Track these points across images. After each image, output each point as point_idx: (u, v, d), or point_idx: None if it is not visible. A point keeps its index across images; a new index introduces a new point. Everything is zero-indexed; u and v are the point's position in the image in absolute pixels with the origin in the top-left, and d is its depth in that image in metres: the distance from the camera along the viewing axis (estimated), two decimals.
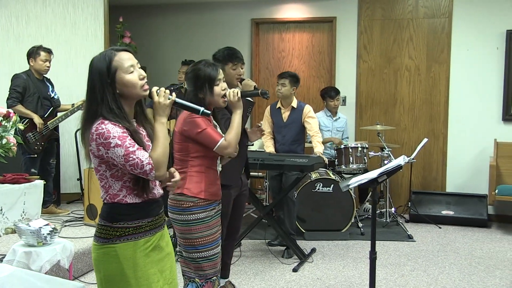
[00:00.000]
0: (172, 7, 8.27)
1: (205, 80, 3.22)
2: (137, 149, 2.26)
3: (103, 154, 2.26)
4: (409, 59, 7.28)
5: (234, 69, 4.06)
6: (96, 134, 2.24)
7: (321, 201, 6.14)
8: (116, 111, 2.28)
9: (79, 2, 6.67)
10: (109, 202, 2.35)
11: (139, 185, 2.34)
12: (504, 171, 6.75)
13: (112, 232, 2.33)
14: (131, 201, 2.35)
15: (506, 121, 6.92)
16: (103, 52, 2.36)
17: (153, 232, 2.43)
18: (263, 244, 5.85)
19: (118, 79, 2.30)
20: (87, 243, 4.98)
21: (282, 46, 7.95)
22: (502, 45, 6.90)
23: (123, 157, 2.23)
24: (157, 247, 2.46)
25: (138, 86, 2.33)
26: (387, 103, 7.40)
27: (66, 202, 6.59)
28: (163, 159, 2.32)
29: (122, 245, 2.33)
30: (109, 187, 2.34)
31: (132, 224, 2.35)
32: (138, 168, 2.25)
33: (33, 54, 5.86)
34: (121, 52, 2.35)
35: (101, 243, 2.34)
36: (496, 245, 5.96)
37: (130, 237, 2.34)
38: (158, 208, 2.47)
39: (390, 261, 5.35)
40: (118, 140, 2.23)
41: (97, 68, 2.31)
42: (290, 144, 5.78)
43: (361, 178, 3.43)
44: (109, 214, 2.35)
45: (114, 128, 2.25)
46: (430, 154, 7.22)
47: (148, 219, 2.41)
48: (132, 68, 2.33)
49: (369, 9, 7.36)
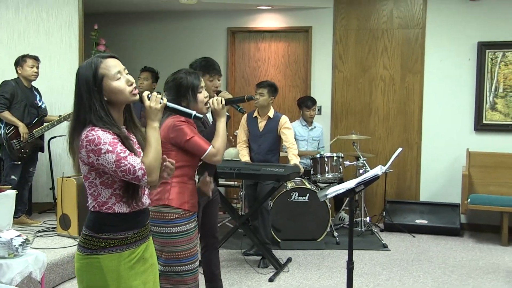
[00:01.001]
0: (148, 15, 8.23)
1: (188, 88, 3.24)
2: (129, 154, 2.24)
3: (94, 161, 2.23)
4: (384, 69, 7.35)
5: (211, 81, 4.05)
6: (86, 141, 2.21)
7: (297, 210, 6.15)
8: (105, 118, 2.26)
9: (53, 9, 6.57)
10: (97, 210, 2.31)
11: (129, 193, 2.32)
12: (476, 181, 6.84)
13: (97, 243, 2.29)
14: (119, 210, 2.31)
15: (478, 131, 7.01)
16: (89, 59, 2.34)
17: (138, 244, 2.40)
18: (239, 253, 5.84)
19: (105, 86, 2.29)
20: (60, 254, 4.92)
21: (258, 55, 7.96)
22: (473, 57, 7.00)
23: (114, 163, 2.21)
24: (142, 259, 2.43)
25: (126, 92, 2.32)
26: (362, 113, 7.46)
27: (38, 212, 6.47)
28: (156, 164, 2.31)
29: (106, 257, 2.30)
30: (98, 195, 2.31)
31: (117, 235, 2.32)
32: (130, 173, 2.23)
33: (20, 62, 5.88)
34: (107, 59, 2.33)
35: (85, 253, 2.31)
36: (469, 253, 6.04)
37: (115, 248, 2.31)
38: (145, 219, 2.45)
39: (365, 270, 5.38)
40: (109, 146, 2.21)
41: (83, 76, 2.29)
42: (266, 153, 5.77)
43: (339, 188, 3.44)
44: (95, 224, 2.31)
45: (104, 134, 2.23)
46: (404, 163, 7.28)
47: (134, 230, 2.38)
48: (119, 75, 2.32)
49: (344, 19, 7.42)
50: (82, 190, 5.39)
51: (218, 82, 4.11)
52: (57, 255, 4.87)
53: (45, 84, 6.52)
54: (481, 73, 6.94)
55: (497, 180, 6.80)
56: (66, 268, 4.91)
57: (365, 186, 3.54)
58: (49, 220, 6.12)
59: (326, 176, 6.39)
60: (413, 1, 7.19)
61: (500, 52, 6.87)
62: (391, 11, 7.28)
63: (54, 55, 6.59)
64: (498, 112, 6.92)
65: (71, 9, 6.62)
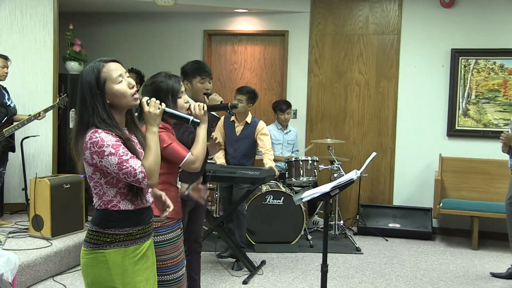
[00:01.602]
0: (124, 16, 8.19)
1: (168, 92, 3.12)
2: (130, 157, 2.33)
3: (97, 162, 2.31)
4: (359, 74, 7.42)
5: (201, 83, 4.07)
6: (90, 142, 2.30)
7: (272, 213, 6.16)
8: (107, 120, 2.35)
9: (27, 8, 6.49)
10: (102, 208, 2.40)
11: (133, 191, 2.41)
12: (448, 185, 6.94)
13: (103, 238, 2.38)
14: (124, 207, 2.41)
15: (451, 136, 7.11)
16: (91, 64, 2.42)
17: (142, 241, 2.49)
18: (213, 256, 5.84)
19: (107, 89, 2.37)
20: (32, 255, 4.88)
21: (235, 58, 7.97)
22: (447, 63, 7.10)
23: (116, 165, 2.29)
24: (144, 256, 2.52)
25: (128, 95, 2.40)
26: (337, 117, 7.51)
27: (10, 213, 6.39)
28: (155, 167, 2.40)
29: (112, 251, 2.38)
30: (103, 194, 2.40)
31: (123, 231, 2.41)
32: (131, 176, 2.31)
33: None
34: (109, 63, 2.42)
35: (91, 248, 2.40)
36: (440, 257, 6.12)
37: (121, 244, 2.40)
38: (148, 217, 2.54)
39: (338, 274, 5.42)
40: (112, 149, 2.29)
41: (86, 80, 2.37)
42: (241, 158, 5.80)
43: (314, 192, 3.46)
44: (101, 220, 2.40)
45: (107, 136, 2.31)
46: (378, 168, 7.35)
47: (139, 227, 2.47)
48: (121, 78, 2.40)
49: (320, 24, 7.47)
50: (55, 191, 5.37)
51: (209, 84, 4.13)
52: (29, 257, 4.82)
53: (19, 83, 6.47)
54: (454, 79, 7.05)
55: (469, 185, 6.91)
56: (38, 270, 4.87)
57: (340, 190, 3.56)
58: (21, 221, 6.05)
59: (300, 179, 6.41)
60: (388, 7, 7.27)
61: (473, 59, 6.98)
62: (367, 17, 7.35)
63: (28, 55, 6.52)
64: (471, 118, 7.03)
65: (46, 8, 6.55)
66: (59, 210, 5.40)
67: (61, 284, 4.89)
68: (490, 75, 6.95)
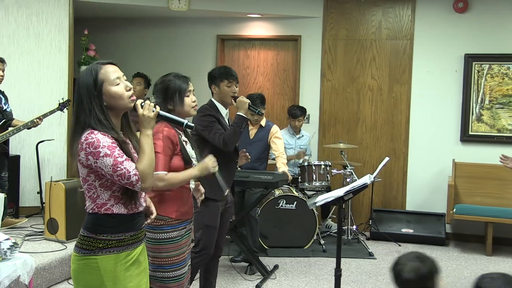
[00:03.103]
0: (138, 21, 8.24)
1: (176, 91, 3.25)
2: (125, 159, 2.32)
3: (92, 163, 2.30)
4: (372, 79, 7.42)
5: (229, 87, 4.19)
6: (85, 143, 2.29)
7: (284, 218, 6.18)
8: (104, 122, 2.35)
9: (43, 13, 6.56)
10: (95, 212, 2.38)
11: (127, 195, 2.39)
12: (461, 191, 6.92)
13: (95, 244, 2.36)
14: (117, 211, 2.39)
15: (464, 142, 7.09)
16: (89, 66, 2.44)
17: (134, 246, 2.48)
18: (226, 260, 5.84)
19: (105, 91, 2.38)
20: (47, 258, 4.90)
21: (247, 63, 8.00)
22: (460, 68, 7.08)
23: (111, 167, 2.28)
24: (137, 261, 2.50)
25: (125, 97, 2.41)
26: (349, 122, 7.51)
27: (25, 216, 6.41)
28: (149, 171, 2.38)
29: (104, 257, 2.36)
30: (97, 197, 2.38)
31: (115, 236, 2.39)
32: (125, 178, 2.30)
33: None
34: (106, 65, 2.43)
35: (83, 254, 2.38)
36: (454, 263, 6.09)
37: (113, 249, 2.38)
38: (141, 222, 2.52)
39: (351, 278, 5.41)
40: (107, 150, 2.29)
41: (84, 81, 2.38)
42: (254, 161, 5.78)
43: (328, 196, 3.48)
44: (94, 225, 2.38)
45: (103, 138, 2.31)
46: (391, 173, 7.34)
47: (131, 232, 2.45)
48: (118, 80, 2.41)
49: (333, 29, 7.48)
50: (70, 195, 5.38)
51: (235, 88, 4.24)
52: (45, 259, 4.85)
53: (34, 87, 6.52)
54: (467, 84, 7.03)
55: (483, 191, 6.87)
56: (53, 272, 4.89)
57: (354, 195, 3.60)
58: (36, 224, 6.07)
59: (313, 184, 6.42)
60: (401, 12, 7.27)
61: (487, 65, 6.96)
62: (380, 22, 7.36)
63: (44, 59, 6.57)
64: (484, 123, 7.00)
65: (61, 13, 6.61)
66: (73, 213, 5.40)
67: None
68: (504, 80, 6.92)
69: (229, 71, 4.25)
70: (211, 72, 4.30)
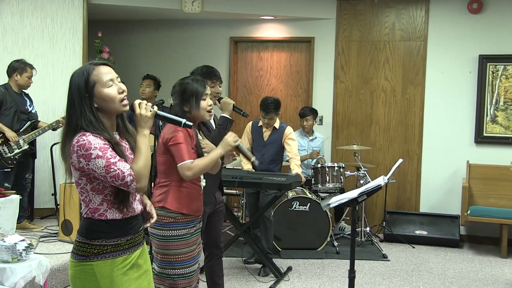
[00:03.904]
0: (151, 23, 8.28)
1: (192, 94, 3.28)
2: (118, 160, 2.26)
3: (84, 166, 2.24)
4: (385, 80, 7.40)
5: (212, 87, 4.09)
6: (77, 146, 2.23)
7: (298, 219, 6.18)
8: (95, 124, 2.29)
9: (58, 16, 6.63)
10: (89, 217, 2.33)
11: (119, 198, 2.33)
12: (476, 193, 6.88)
13: (90, 250, 2.31)
14: (111, 216, 2.34)
15: (479, 143, 7.05)
16: (82, 66, 2.37)
17: (131, 250, 2.42)
18: (240, 261, 5.85)
19: (96, 93, 2.31)
20: (62, 259, 4.94)
21: (260, 64, 8.01)
22: (474, 69, 7.05)
23: (104, 168, 2.22)
24: (135, 265, 2.45)
25: (117, 100, 2.34)
26: (363, 124, 7.50)
27: (40, 217, 6.50)
28: (145, 171, 2.31)
29: (99, 263, 2.31)
30: (89, 201, 2.32)
31: (110, 242, 2.34)
32: (119, 179, 2.24)
33: (19, 69, 5.83)
34: (100, 66, 2.36)
35: (78, 260, 2.33)
36: (468, 265, 6.06)
37: (108, 255, 2.33)
38: (137, 226, 2.47)
39: (365, 280, 5.40)
40: (99, 151, 2.23)
41: (75, 82, 2.32)
42: (268, 163, 5.82)
43: (342, 198, 3.48)
44: (88, 230, 2.33)
45: (95, 139, 2.25)
46: (404, 174, 7.31)
47: (127, 237, 2.40)
48: (111, 82, 2.34)
49: (346, 30, 7.47)
50: None
51: (219, 88, 4.18)
52: (59, 261, 4.89)
53: (48, 89, 6.59)
54: (482, 86, 6.99)
55: (497, 193, 6.83)
56: (67, 274, 4.85)
57: (368, 196, 3.59)
58: (50, 226, 6.15)
59: (327, 186, 6.42)
60: (415, 13, 7.25)
61: (501, 65, 6.92)
62: (393, 23, 7.34)
63: (58, 62, 6.66)
64: (499, 125, 6.96)
65: (75, 16, 6.68)
66: None
67: None
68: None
69: (212, 70, 4.16)
70: (193, 72, 4.16)
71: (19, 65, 5.86)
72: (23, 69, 5.84)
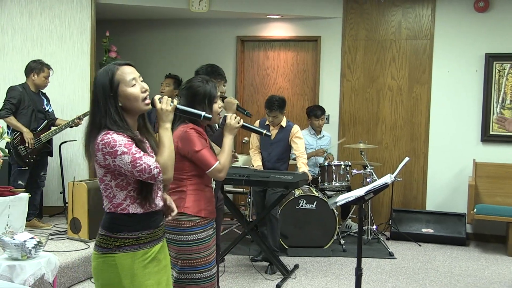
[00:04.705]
0: (158, 23, 8.33)
1: (205, 98, 3.20)
2: (143, 155, 2.34)
3: (110, 163, 2.32)
4: (392, 79, 7.42)
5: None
6: (102, 144, 2.31)
7: (304, 217, 6.22)
8: (119, 123, 2.36)
9: (66, 16, 6.69)
10: (112, 211, 2.42)
11: (143, 194, 2.42)
12: (482, 191, 6.90)
13: (112, 242, 2.40)
14: (133, 211, 2.41)
15: (485, 142, 7.07)
16: (106, 66, 2.44)
17: (152, 244, 2.50)
18: (247, 259, 5.90)
19: (120, 92, 2.39)
20: (71, 257, 4.99)
21: (267, 63, 8.05)
22: (481, 68, 7.07)
23: (130, 163, 2.30)
24: (155, 259, 2.52)
25: (140, 99, 2.42)
26: (369, 122, 7.53)
27: (49, 216, 6.57)
28: (170, 162, 2.42)
29: (121, 255, 2.40)
30: (113, 197, 2.41)
31: (131, 235, 2.42)
32: (146, 172, 2.32)
33: (36, 69, 5.93)
34: (123, 66, 2.44)
35: (101, 252, 2.42)
36: (474, 263, 6.09)
37: (129, 247, 2.41)
38: (158, 220, 2.54)
39: (371, 278, 5.44)
40: (124, 148, 2.30)
41: (100, 82, 2.39)
42: (275, 162, 5.87)
43: (349, 196, 3.50)
44: (111, 224, 2.42)
45: (119, 137, 2.32)
46: (411, 173, 7.34)
47: (148, 231, 2.47)
48: (134, 81, 2.42)
49: (353, 29, 7.50)
50: (92, 195, 5.46)
51: (223, 87, 4.21)
52: (68, 258, 4.93)
53: (57, 89, 6.64)
54: (488, 84, 7.01)
55: (504, 191, 6.85)
56: (76, 271, 4.98)
57: (374, 194, 3.60)
58: (59, 224, 6.20)
59: (333, 184, 6.45)
60: (421, 12, 7.27)
61: (508, 64, 6.94)
62: (400, 22, 7.36)
63: (66, 61, 6.72)
64: None
65: (83, 16, 6.74)
66: (96, 213, 5.46)
67: None
68: None
69: (216, 69, 4.17)
70: (197, 71, 4.19)
71: (37, 65, 5.95)
72: (40, 69, 5.94)
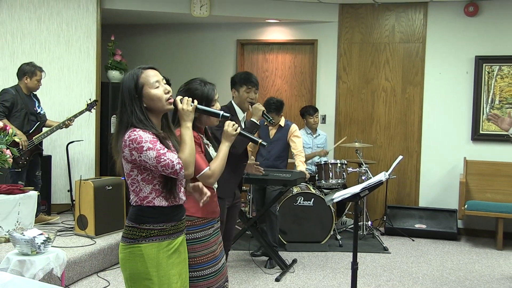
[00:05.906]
0: (161, 27, 8.50)
1: (203, 100, 3.11)
2: (167, 151, 2.50)
3: (136, 158, 2.48)
4: (386, 81, 7.61)
5: (247, 92, 4.34)
6: (129, 140, 2.48)
7: (302, 214, 6.34)
8: (144, 121, 2.54)
9: (73, 20, 6.85)
10: (138, 204, 2.57)
11: (167, 188, 2.58)
12: (473, 188, 7.07)
13: (139, 233, 2.55)
14: (158, 203, 2.57)
15: (475, 140, 7.24)
16: (132, 71, 2.64)
17: (175, 236, 2.65)
18: (247, 254, 6.04)
19: (145, 93, 2.57)
20: (78, 252, 5.10)
21: (266, 66, 8.25)
22: (471, 70, 7.23)
23: (155, 158, 2.46)
24: (177, 251, 2.67)
25: (163, 99, 2.60)
26: (364, 122, 7.71)
27: (56, 213, 6.70)
28: (191, 159, 2.59)
29: (147, 245, 2.55)
30: (139, 191, 2.57)
31: (157, 226, 2.57)
32: (169, 168, 2.49)
33: (29, 72, 5.92)
34: (147, 69, 2.62)
35: (128, 243, 2.57)
36: (465, 257, 6.24)
37: (155, 238, 2.56)
38: (181, 214, 2.70)
39: (367, 272, 5.58)
40: (150, 144, 2.47)
41: (126, 85, 2.58)
42: (274, 160, 6.02)
43: (345, 193, 3.60)
44: (137, 216, 2.57)
45: (145, 134, 2.49)
46: (404, 170, 7.51)
47: (172, 223, 2.62)
48: (158, 84, 2.60)
49: (348, 33, 7.69)
50: (98, 192, 5.61)
51: (254, 95, 4.38)
52: (75, 254, 5.05)
53: (64, 91, 6.80)
54: (478, 85, 7.17)
55: (493, 188, 7.02)
56: (83, 266, 5.11)
57: (370, 191, 3.68)
58: (67, 221, 6.32)
59: (330, 182, 6.58)
60: (414, 16, 7.46)
61: (497, 66, 7.10)
62: (393, 26, 7.55)
63: (73, 64, 6.88)
64: None
65: (89, 21, 6.90)
66: (102, 210, 5.62)
67: (105, 279, 5.12)
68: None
69: (249, 77, 4.38)
70: (233, 76, 4.46)
71: (29, 68, 5.95)
72: (33, 73, 5.94)
